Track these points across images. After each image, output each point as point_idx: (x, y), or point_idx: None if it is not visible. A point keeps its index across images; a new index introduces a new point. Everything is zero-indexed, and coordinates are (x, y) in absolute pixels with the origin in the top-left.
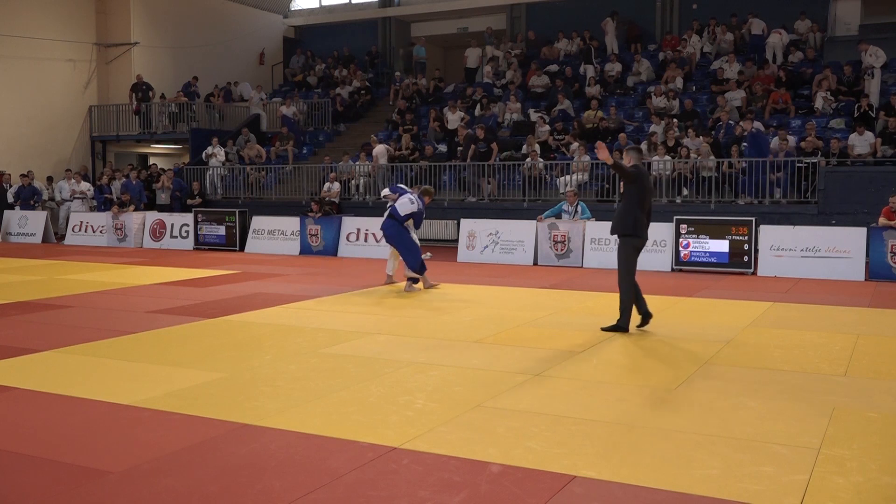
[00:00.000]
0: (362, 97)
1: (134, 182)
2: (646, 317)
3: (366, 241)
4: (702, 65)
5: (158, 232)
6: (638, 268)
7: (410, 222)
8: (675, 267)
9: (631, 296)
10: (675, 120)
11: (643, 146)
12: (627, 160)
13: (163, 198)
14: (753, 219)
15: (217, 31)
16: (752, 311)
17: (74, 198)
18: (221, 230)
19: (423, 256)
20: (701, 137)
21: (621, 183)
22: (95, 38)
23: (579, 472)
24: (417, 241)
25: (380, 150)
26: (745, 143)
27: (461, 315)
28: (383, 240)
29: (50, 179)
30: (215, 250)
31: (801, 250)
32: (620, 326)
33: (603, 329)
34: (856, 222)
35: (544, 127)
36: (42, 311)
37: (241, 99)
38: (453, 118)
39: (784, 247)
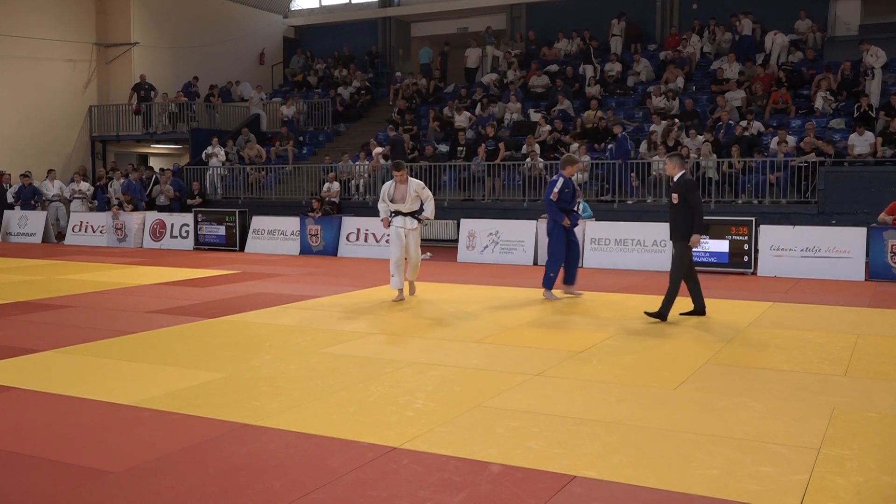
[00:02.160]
0: (362, 97)
1: (134, 182)
2: (698, 312)
3: (366, 241)
4: (702, 65)
5: (158, 232)
6: (638, 268)
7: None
8: None
9: (679, 286)
10: (675, 120)
11: (643, 145)
12: (672, 168)
13: (161, 199)
14: (753, 219)
15: (217, 31)
16: (752, 311)
17: (74, 197)
18: (221, 230)
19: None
20: (700, 137)
21: (674, 194)
22: (95, 38)
23: (579, 472)
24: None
25: (377, 152)
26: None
27: (461, 315)
28: (384, 240)
29: None
30: (215, 250)
31: (801, 250)
32: (699, 311)
33: (681, 314)
34: (856, 222)
35: (545, 127)
36: (42, 311)
37: (241, 99)
38: (460, 118)
39: (784, 247)
